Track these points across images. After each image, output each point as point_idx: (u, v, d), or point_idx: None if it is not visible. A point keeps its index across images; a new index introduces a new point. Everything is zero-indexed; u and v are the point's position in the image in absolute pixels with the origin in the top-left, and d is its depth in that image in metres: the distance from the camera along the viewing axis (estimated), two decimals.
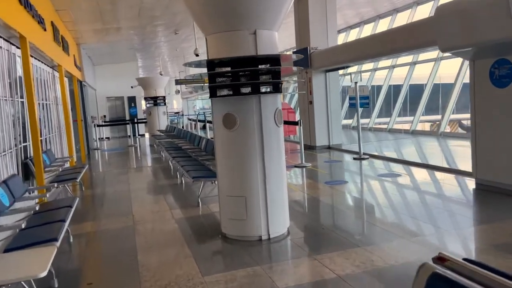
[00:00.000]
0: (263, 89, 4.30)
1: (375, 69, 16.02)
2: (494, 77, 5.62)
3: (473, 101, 6.05)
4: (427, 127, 17.90)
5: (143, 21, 12.09)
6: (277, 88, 4.40)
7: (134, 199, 6.71)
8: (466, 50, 5.87)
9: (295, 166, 8.76)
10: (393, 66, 14.87)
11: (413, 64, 14.38)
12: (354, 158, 9.29)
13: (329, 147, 11.33)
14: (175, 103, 43.03)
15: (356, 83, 9.21)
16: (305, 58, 11.19)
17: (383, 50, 8.38)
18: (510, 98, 5.42)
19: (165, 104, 16.02)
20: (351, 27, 17.64)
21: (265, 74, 4.36)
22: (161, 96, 15.87)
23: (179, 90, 34.47)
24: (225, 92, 4.32)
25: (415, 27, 7.40)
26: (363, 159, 9.16)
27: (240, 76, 4.23)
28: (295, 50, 11.80)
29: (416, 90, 18.06)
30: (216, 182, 4.95)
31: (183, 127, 16.02)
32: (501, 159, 5.63)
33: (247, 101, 4.23)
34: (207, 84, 4.53)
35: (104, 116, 21.33)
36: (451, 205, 5.58)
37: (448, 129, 13.05)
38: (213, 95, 4.38)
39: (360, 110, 9.46)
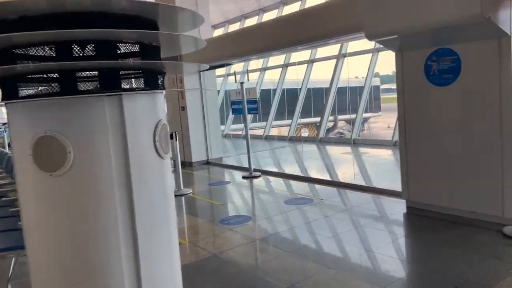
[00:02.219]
0: (126, 85, 2.04)
1: (264, 68, 14.72)
2: (431, 72, 4.43)
3: (401, 104, 4.82)
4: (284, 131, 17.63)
5: None
6: (155, 82, 2.20)
7: None
8: (391, 38, 4.60)
9: None
10: (286, 65, 13.71)
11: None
12: (244, 177, 7.51)
13: (207, 162, 9.36)
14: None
15: (242, 83, 7.46)
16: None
17: (276, 43, 6.80)
18: (454, 100, 4.29)
19: None
20: (229, 21, 16.07)
21: (132, 55, 2.09)
22: None
23: None
24: (37, 89, 1.92)
25: (333, 8, 5.96)
26: (255, 177, 7.46)
27: (73, 54, 1.89)
28: None
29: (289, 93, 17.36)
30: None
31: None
32: (440, 176, 4.49)
33: (91, 108, 1.91)
34: None
35: None
36: (385, 241, 4.18)
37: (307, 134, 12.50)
38: (9, 95, 1.94)
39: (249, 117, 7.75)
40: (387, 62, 11.37)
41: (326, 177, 6.93)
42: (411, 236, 4.27)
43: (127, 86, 2.03)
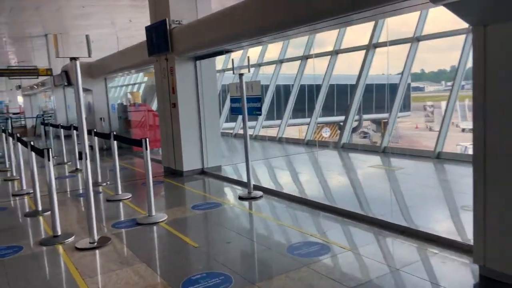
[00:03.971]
0: None
1: (281, 61, 12.88)
2: None
3: (481, 108, 2.93)
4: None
5: None
6: None
7: None
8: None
9: (137, 224, 4.81)
10: (306, 57, 11.84)
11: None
12: (241, 198, 5.74)
13: (202, 172, 7.62)
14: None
15: (241, 75, 5.66)
16: (162, 37, 7.27)
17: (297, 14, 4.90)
18: None
19: None
20: None
21: None
22: None
23: (19, 85, 26.98)
24: None
25: None
26: (254, 198, 5.68)
27: None
28: (148, 25, 7.81)
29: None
30: None
31: None
32: None
33: None
34: None
35: None
36: None
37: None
38: None
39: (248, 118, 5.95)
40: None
41: (351, 206, 5.07)
42: None
43: None
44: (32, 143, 5.53)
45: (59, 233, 4.44)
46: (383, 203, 5.27)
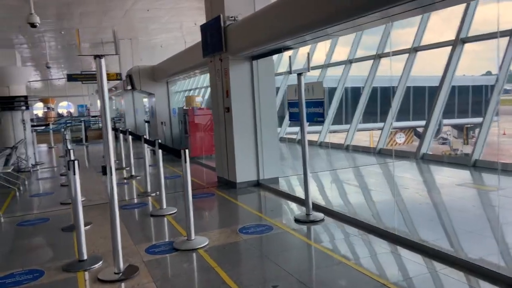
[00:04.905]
0: None
1: (350, 61, 11.81)
2: None
3: None
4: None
5: None
6: None
7: None
8: None
9: (174, 248, 4.13)
10: (380, 56, 10.66)
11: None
12: (297, 221, 4.84)
13: (258, 184, 6.84)
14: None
15: (299, 75, 4.77)
16: (216, 35, 6.63)
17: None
18: None
19: (27, 107, 10.75)
20: None
21: None
22: (21, 97, 10.60)
23: (97, 90, 28.37)
24: None
25: None
26: (314, 222, 4.75)
27: None
28: (203, 23, 7.22)
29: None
30: None
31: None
32: None
33: None
34: None
35: None
36: None
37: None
38: None
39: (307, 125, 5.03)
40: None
41: (441, 242, 3.92)
42: None
43: None
44: (71, 151, 5.15)
45: (85, 257, 3.90)
46: (481, 240, 4.04)
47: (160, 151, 5.50)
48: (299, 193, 6.03)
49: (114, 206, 3.56)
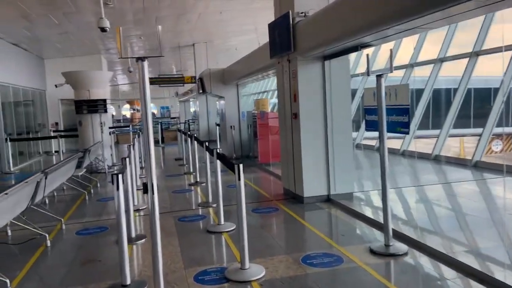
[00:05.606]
0: None
1: (441, 60, 10.47)
2: None
3: None
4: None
5: None
6: None
7: None
8: None
9: (225, 278, 3.59)
10: (477, 53, 9.24)
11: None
12: (373, 252, 4.01)
13: (328, 199, 6.07)
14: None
15: (379, 76, 3.95)
16: (284, 33, 6.01)
17: None
18: None
19: (105, 111, 11.12)
20: None
21: None
22: (100, 100, 10.97)
23: (177, 92, 29.40)
24: None
25: None
26: (395, 255, 3.89)
27: None
28: (271, 22, 6.63)
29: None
30: None
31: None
32: None
33: None
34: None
35: (56, 123, 16.70)
36: None
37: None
38: None
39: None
40: None
41: None
42: None
43: None
44: (127, 159, 4.87)
45: (128, 281, 3.50)
46: None
47: (218, 162, 5.02)
48: (377, 214, 5.16)
49: (156, 234, 3.10)
